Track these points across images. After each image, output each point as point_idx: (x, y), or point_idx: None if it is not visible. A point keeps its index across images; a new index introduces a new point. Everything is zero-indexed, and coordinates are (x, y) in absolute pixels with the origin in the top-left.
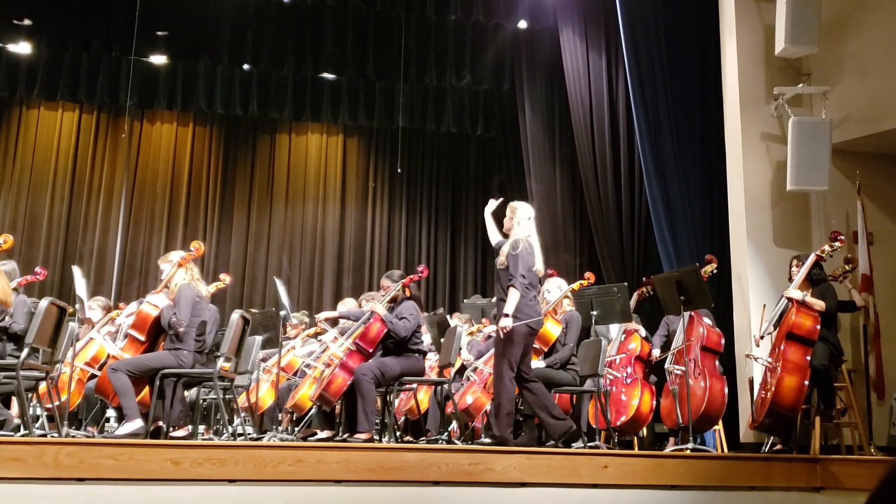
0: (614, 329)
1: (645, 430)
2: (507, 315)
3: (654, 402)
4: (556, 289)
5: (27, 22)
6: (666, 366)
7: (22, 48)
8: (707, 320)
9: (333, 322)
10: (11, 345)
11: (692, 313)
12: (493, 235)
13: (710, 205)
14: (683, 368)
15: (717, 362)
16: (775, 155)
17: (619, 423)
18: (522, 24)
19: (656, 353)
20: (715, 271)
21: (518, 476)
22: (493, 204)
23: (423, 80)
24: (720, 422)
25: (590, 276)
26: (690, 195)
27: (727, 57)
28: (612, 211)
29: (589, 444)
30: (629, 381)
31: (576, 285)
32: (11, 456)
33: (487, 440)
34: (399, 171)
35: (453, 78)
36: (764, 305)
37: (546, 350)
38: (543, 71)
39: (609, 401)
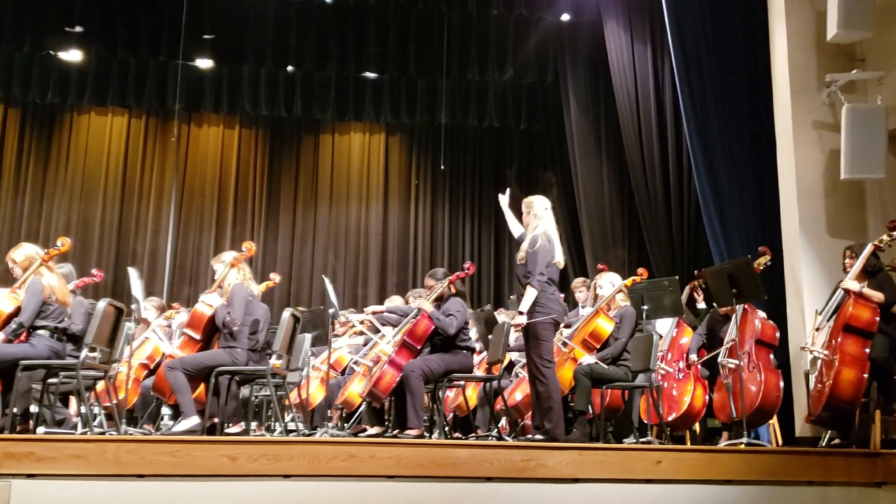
0: (665, 324)
1: (697, 425)
2: (521, 313)
3: (707, 397)
4: (609, 284)
5: (78, 29)
6: (719, 359)
7: (72, 55)
8: (761, 313)
9: (382, 321)
10: (71, 345)
11: (745, 306)
12: (514, 228)
13: (761, 195)
14: (737, 362)
15: (771, 356)
16: (828, 143)
17: (671, 419)
18: (565, 17)
19: (693, 357)
20: (769, 263)
21: (570, 472)
22: (504, 197)
23: (465, 76)
24: (775, 416)
25: (642, 272)
26: (740, 186)
27: (776, 44)
28: (661, 204)
29: (641, 440)
30: (681, 375)
31: (628, 281)
32: (74, 453)
33: (539, 437)
34: (442, 167)
35: (496, 73)
36: (816, 311)
37: (598, 346)
38: (587, 63)
39: (661, 396)
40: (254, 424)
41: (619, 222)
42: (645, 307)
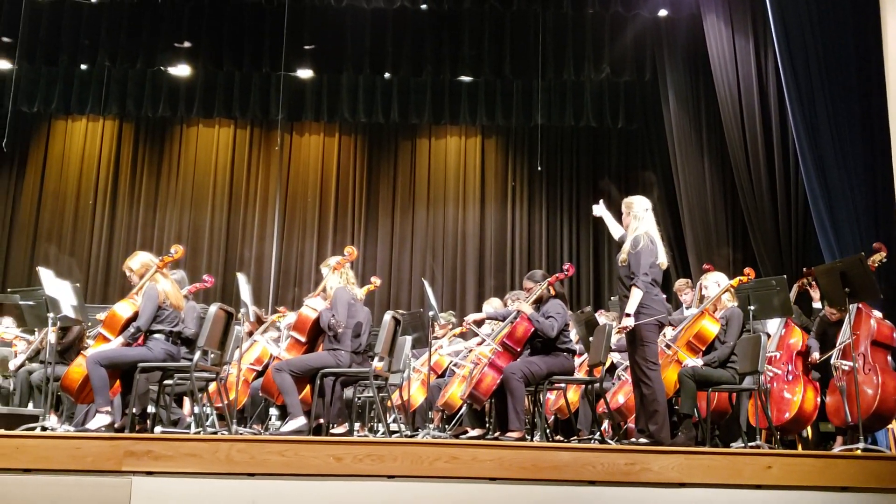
0: (773, 324)
1: (809, 429)
2: (627, 315)
3: (819, 400)
4: (714, 284)
5: (187, 44)
6: (832, 361)
7: (181, 70)
8: (877, 313)
9: (480, 323)
10: (184, 348)
11: (860, 306)
12: (615, 230)
13: (874, 191)
14: (851, 364)
15: (889, 357)
16: None
17: (781, 422)
18: (663, 13)
19: (816, 355)
20: (884, 260)
21: (676, 476)
22: (599, 207)
23: (560, 76)
24: (894, 421)
25: (749, 272)
26: (852, 181)
27: (889, 33)
28: (767, 201)
29: (750, 444)
30: (790, 377)
31: (735, 281)
32: (189, 452)
33: (643, 440)
34: (539, 168)
35: (592, 71)
36: None
37: (703, 348)
38: (687, 59)
39: (770, 398)
40: (357, 425)
41: (722, 221)
42: (752, 307)
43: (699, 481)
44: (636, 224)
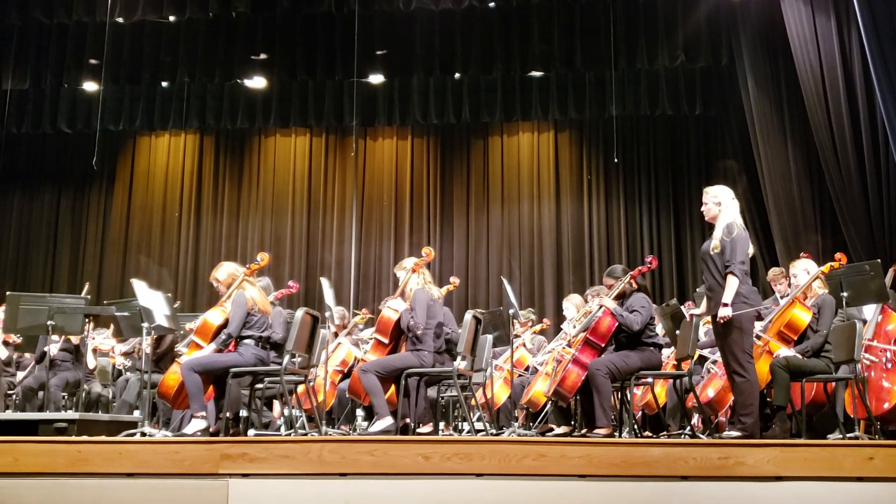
0: (869, 310)
1: None
2: (725, 304)
3: None
4: (804, 272)
5: (262, 56)
6: None
7: (257, 82)
8: None
9: None
10: (273, 352)
11: None
12: None
13: None
14: None
15: None
16: None
17: (880, 412)
18: None
19: None
20: None
21: (772, 470)
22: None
23: (633, 66)
24: None
25: (840, 257)
26: None
27: None
28: (856, 183)
29: (848, 435)
30: (889, 365)
31: (825, 267)
32: (282, 453)
33: (734, 433)
34: (615, 160)
35: (666, 59)
36: None
37: (795, 338)
38: (765, 41)
39: (867, 388)
40: (441, 425)
41: (809, 207)
42: (845, 294)
43: (797, 474)
44: (726, 213)
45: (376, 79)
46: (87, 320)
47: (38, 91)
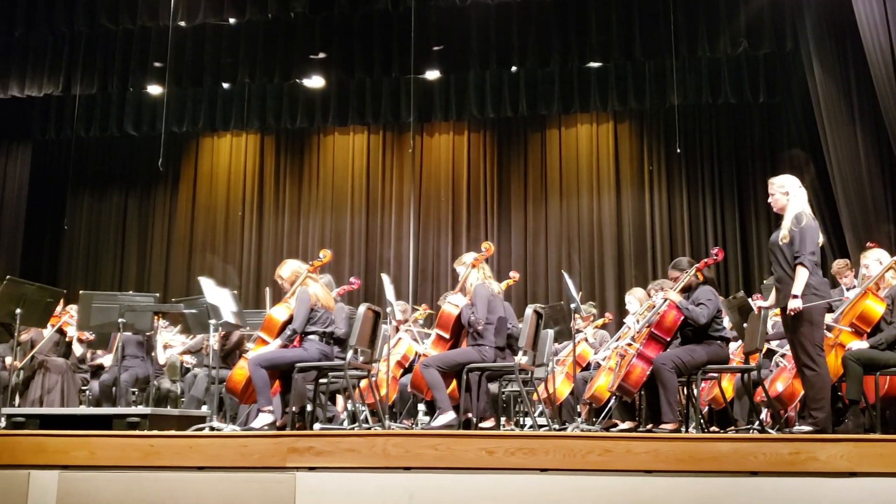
0: None
1: None
2: (795, 296)
3: None
4: (876, 262)
5: (321, 55)
6: None
7: (315, 82)
8: None
9: None
10: (337, 348)
11: None
12: None
13: None
14: None
15: None
16: None
17: None
18: None
19: None
20: None
21: (846, 465)
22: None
23: (695, 54)
24: None
25: None
26: None
27: None
28: None
29: None
30: None
31: None
32: (348, 447)
33: (805, 428)
34: (677, 150)
35: (728, 46)
36: None
37: (868, 330)
38: (831, 24)
39: None
40: (503, 419)
41: (881, 195)
42: None
43: (871, 470)
44: (795, 203)
45: (432, 74)
46: (156, 317)
47: (105, 95)
